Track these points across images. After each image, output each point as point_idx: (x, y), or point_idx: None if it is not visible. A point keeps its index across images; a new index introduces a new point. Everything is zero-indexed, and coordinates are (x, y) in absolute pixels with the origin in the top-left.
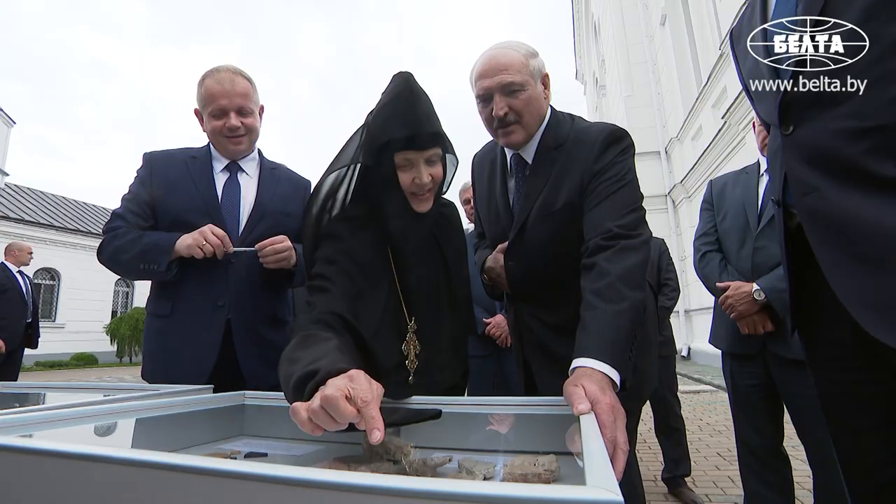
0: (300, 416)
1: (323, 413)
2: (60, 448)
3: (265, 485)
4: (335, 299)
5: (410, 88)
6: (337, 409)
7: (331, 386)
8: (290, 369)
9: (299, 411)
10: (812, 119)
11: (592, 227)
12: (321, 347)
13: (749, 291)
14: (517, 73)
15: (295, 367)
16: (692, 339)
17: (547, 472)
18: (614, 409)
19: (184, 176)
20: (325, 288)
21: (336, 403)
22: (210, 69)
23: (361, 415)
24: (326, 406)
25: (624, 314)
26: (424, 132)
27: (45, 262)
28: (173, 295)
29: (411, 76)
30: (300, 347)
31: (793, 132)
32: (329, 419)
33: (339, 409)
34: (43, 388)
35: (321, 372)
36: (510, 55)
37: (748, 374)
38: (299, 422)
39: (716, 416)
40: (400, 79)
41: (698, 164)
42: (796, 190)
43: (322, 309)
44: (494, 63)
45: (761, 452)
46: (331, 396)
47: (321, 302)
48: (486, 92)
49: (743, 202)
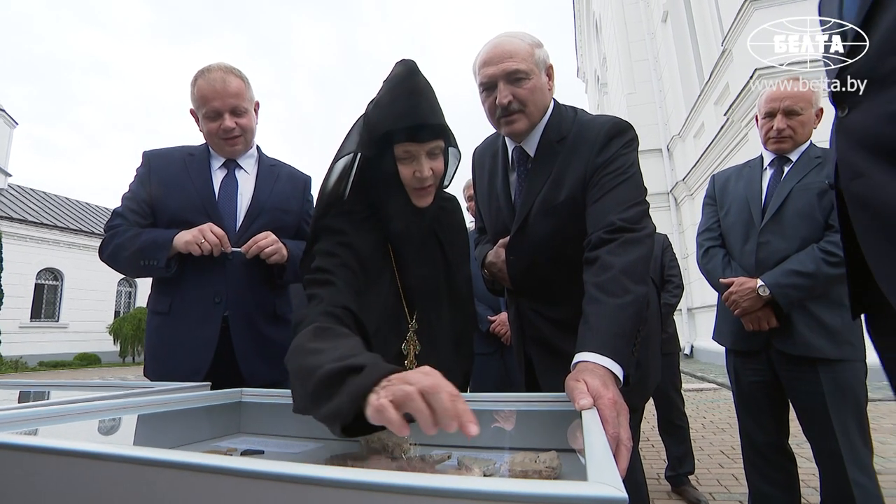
0: (388, 413)
1: (421, 400)
2: (54, 445)
3: (262, 482)
4: (342, 293)
5: (413, 77)
6: (439, 397)
7: (410, 375)
8: (314, 360)
9: (386, 408)
10: (866, 101)
11: (595, 220)
12: (347, 342)
13: (753, 287)
14: (522, 61)
15: (319, 357)
16: (695, 337)
17: (548, 469)
18: (617, 405)
19: (181, 174)
20: (330, 281)
21: (439, 390)
22: (201, 69)
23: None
24: (430, 397)
25: (627, 308)
26: (427, 124)
27: (49, 262)
28: (172, 292)
29: (414, 64)
30: (318, 339)
31: (847, 114)
32: (426, 409)
33: (442, 398)
34: (40, 385)
35: (370, 365)
36: (515, 43)
37: (752, 370)
38: (388, 419)
39: (719, 413)
40: (402, 67)
41: (700, 161)
42: (845, 174)
43: (331, 302)
44: (500, 50)
45: (766, 450)
46: (432, 384)
47: (328, 295)
48: (489, 80)
49: (746, 197)
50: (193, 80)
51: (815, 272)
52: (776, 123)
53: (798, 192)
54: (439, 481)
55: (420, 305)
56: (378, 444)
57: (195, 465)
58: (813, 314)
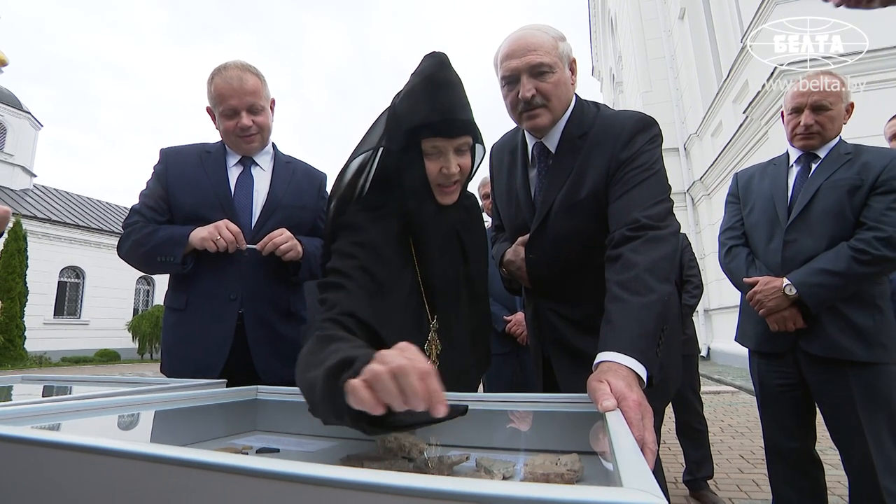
0: (360, 393)
1: (390, 379)
2: (68, 440)
3: (276, 482)
4: (354, 299)
5: (444, 70)
6: (408, 378)
7: (385, 354)
8: (313, 373)
9: (358, 388)
10: None
11: (618, 217)
12: (347, 344)
13: (779, 286)
14: (546, 54)
15: (317, 371)
16: (712, 339)
17: (570, 472)
18: (641, 407)
19: (197, 170)
20: (342, 285)
21: (407, 371)
22: (218, 67)
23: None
24: (398, 373)
25: (651, 307)
26: (457, 119)
27: (71, 260)
28: (188, 289)
29: (445, 57)
30: (319, 350)
31: None
32: (395, 389)
33: (411, 379)
34: (62, 380)
35: (362, 355)
36: (539, 36)
37: (777, 373)
38: (359, 399)
39: (737, 417)
40: (433, 60)
41: (718, 160)
42: None
43: (340, 310)
44: (523, 43)
45: (791, 455)
46: (401, 364)
47: (338, 301)
48: (512, 73)
49: (772, 194)
50: (210, 78)
51: (845, 271)
52: (803, 119)
53: (827, 189)
54: (461, 485)
55: (441, 304)
56: (394, 444)
57: (210, 465)
58: (842, 314)
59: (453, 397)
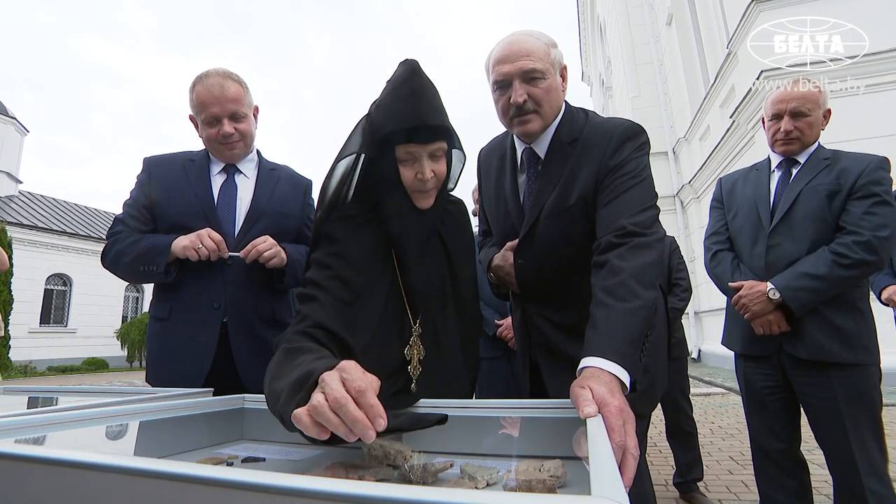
0: (303, 421)
1: (330, 412)
2: (49, 454)
3: (260, 494)
4: (325, 310)
5: (415, 77)
6: (344, 409)
7: (326, 380)
8: (278, 385)
9: (301, 416)
10: None
11: (605, 223)
12: (310, 356)
13: (763, 290)
14: (539, 60)
15: (282, 382)
16: (702, 341)
17: (552, 479)
18: (623, 413)
19: (181, 179)
20: (315, 297)
21: (341, 403)
22: (199, 75)
23: (359, 405)
24: (334, 406)
25: (636, 313)
26: (428, 125)
27: (58, 268)
28: (172, 297)
29: (417, 64)
30: (284, 362)
31: None
32: (336, 420)
33: (348, 408)
34: (42, 391)
35: (315, 372)
36: (532, 42)
37: (763, 375)
38: (305, 428)
39: (727, 419)
40: (405, 67)
41: (707, 164)
42: None
43: (310, 322)
44: (515, 48)
45: (777, 456)
46: (337, 398)
47: (310, 313)
48: (504, 78)
49: (754, 199)
50: (192, 86)
51: (827, 274)
52: (783, 125)
53: (807, 194)
54: (435, 495)
55: (424, 309)
56: (380, 452)
57: (196, 478)
58: (825, 317)
59: (437, 404)
